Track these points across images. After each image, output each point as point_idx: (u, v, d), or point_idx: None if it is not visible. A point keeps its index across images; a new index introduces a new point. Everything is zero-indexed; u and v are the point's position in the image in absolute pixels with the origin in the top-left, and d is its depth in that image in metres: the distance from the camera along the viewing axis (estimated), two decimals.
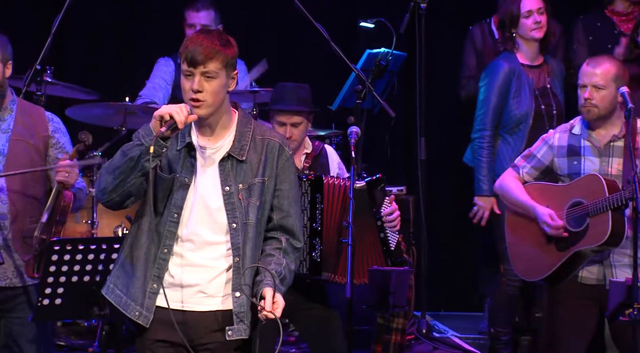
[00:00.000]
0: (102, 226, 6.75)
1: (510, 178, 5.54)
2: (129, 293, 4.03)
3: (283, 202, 4.11)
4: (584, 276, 5.37)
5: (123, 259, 4.07)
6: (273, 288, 3.96)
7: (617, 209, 5.22)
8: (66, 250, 4.72)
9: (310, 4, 6.16)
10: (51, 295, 4.74)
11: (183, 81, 3.99)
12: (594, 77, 5.30)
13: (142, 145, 3.92)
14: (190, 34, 4.08)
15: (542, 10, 6.54)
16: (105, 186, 4.00)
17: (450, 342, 6.79)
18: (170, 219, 4.02)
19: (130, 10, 8.11)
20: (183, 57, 3.98)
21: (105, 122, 6.95)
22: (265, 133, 4.13)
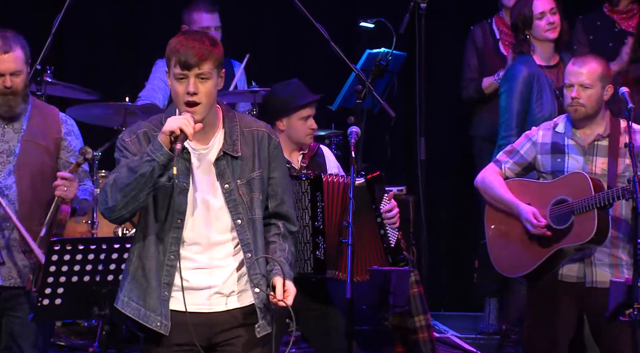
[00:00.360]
0: (102, 226, 6.75)
1: (492, 173, 5.53)
2: (146, 305, 4.03)
3: (277, 190, 4.15)
4: (564, 273, 5.39)
5: (133, 271, 4.06)
6: (282, 277, 4.02)
7: (603, 208, 5.23)
8: (66, 250, 4.72)
9: (310, 4, 6.16)
10: (51, 295, 4.74)
11: (176, 85, 3.97)
12: (580, 76, 5.33)
13: (153, 161, 3.89)
14: (177, 37, 4.02)
15: (554, 10, 6.52)
16: (114, 205, 3.94)
17: (450, 342, 6.79)
18: (175, 225, 4.02)
19: (131, 10, 8.11)
20: (174, 61, 3.96)
21: (106, 122, 6.96)
22: (252, 124, 4.14)
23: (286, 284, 4.02)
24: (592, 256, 5.36)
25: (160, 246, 4.02)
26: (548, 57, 6.61)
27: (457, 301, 8.09)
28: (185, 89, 3.95)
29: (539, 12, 6.52)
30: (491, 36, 7.23)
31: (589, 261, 5.36)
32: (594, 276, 5.35)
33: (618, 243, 5.36)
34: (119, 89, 7.52)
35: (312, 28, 6.05)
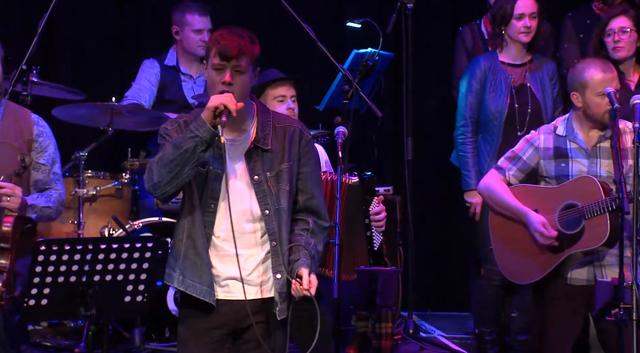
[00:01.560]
0: (89, 227, 6.74)
1: (496, 180, 5.49)
2: (202, 281, 4.27)
3: (307, 184, 4.35)
4: (573, 277, 5.36)
5: (185, 250, 4.29)
6: (309, 268, 4.22)
7: (614, 211, 5.20)
8: (52, 250, 4.70)
9: (297, 4, 6.16)
10: (37, 295, 4.72)
11: (212, 74, 4.22)
12: (615, 82, 5.32)
13: (196, 137, 4.14)
14: (220, 30, 4.28)
15: (534, 15, 6.54)
16: (159, 180, 4.19)
17: (437, 342, 6.80)
18: (208, 210, 4.26)
19: (118, 11, 8.09)
20: (214, 51, 4.21)
21: (92, 123, 6.94)
22: (285, 121, 4.38)
23: (311, 275, 4.21)
24: (601, 260, 5.32)
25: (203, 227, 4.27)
26: (516, 56, 6.64)
27: (443, 301, 8.09)
28: (222, 78, 4.20)
29: (519, 13, 6.55)
30: (480, 37, 7.24)
31: (598, 264, 5.33)
32: (604, 277, 5.31)
33: (625, 243, 5.32)
34: (105, 90, 7.50)
35: (300, 28, 6.05)
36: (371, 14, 7.04)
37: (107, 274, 4.76)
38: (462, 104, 6.65)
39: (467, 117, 6.62)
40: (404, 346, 6.67)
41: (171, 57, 7.43)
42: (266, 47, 8.12)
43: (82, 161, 6.75)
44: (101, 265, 4.77)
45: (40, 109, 7.14)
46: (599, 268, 5.33)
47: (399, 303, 6.66)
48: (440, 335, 6.99)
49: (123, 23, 8.10)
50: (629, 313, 4.82)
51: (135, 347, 6.36)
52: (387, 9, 7.07)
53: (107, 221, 6.73)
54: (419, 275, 7.21)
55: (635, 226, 4.89)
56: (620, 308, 4.87)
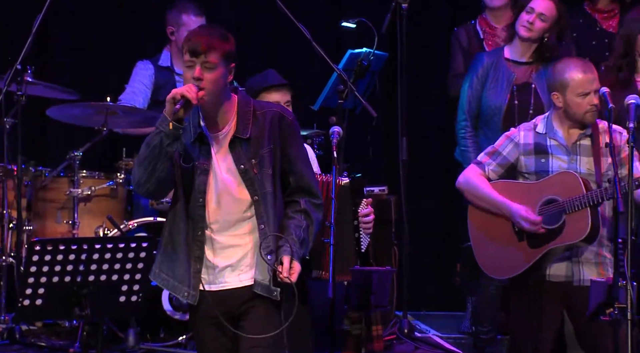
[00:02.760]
0: (83, 227, 6.73)
1: (475, 174, 5.51)
2: (175, 276, 4.39)
3: (295, 164, 4.44)
4: (552, 274, 5.39)
5: (164, 245, 4.42)
6: (290, 255, 4.30)
7: (594, 206, 5.24)
8: (47, 251, 4.70)
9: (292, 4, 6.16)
10: (32, 295, 4.71)
11: (185, 71, 4.32)
12: (595, 83, 5.34)
13: (160, 132, 4.25)
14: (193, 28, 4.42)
15: (544, 17, 6.51)
16: (138, 179, 4.33)
17: (432, 342, 6.80)
18: (197, 203, 4.36)
19: (113, 11, 8.09)
20: (185, 49, 4.31)
21: (86, 123, 6.93)
22: (265, 107, 4.47)
23: (293, 262, 4.30)
24: (579, 256, 5.36)
25: (190, 222, 4.37)
26: (522, 52, 6.64)
27: (438, 301, 8.09)
28: (192, 75, 4.28)
29: (530, 6, 6.54)
30: (476, 37, 7.25)
31: (576, 260, 5.37)
32: (582, 274, 5.35)
33: (602, 242, 5.37)
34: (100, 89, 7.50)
35: (295, 28, 6.05)
36: (366, 14, 7.04)
37: (102, 274, 4.75)
38: (462, 98, 6.69)
39: (466, 112, 6.66)
40: (399, 346, 6.67)
41: (165, 58, 7.42)
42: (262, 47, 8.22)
43: (77, 161, 6.74)
44: (96, 265, 4.77)
45: (34, 109, 7.20)
46: (577, 264, 5.36)
47: (394, 303, 6.67)
48: (435, 334, 6.99)
49: (118, 23, 8.09)
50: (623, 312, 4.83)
51: (130, 347, 6.35)
52: (381, 9, 7.07)
53: (101, 221, 6.73)
54: (414, 274, 7.21)
55: (630, 225, 4.90)
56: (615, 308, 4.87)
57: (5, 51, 7.13)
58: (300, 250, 4.38)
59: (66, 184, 6.79)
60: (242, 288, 4.39)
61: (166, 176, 4.33)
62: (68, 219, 6.75)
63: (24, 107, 6.58)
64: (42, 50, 7.79)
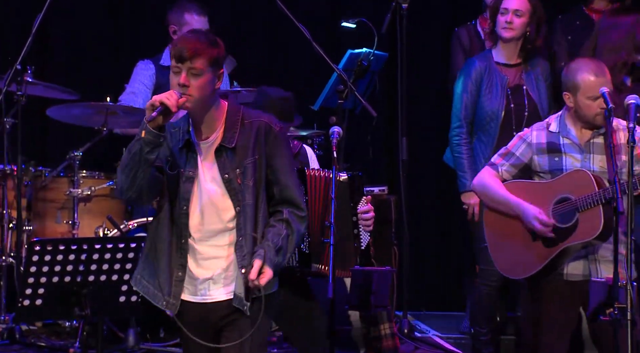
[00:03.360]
0: (83, 227, 6.73)
1: (489, 176, 5.51)
2: (155, 284, 4.30)
3: (279, 176, 4.34)
4: (569, 272, 5.36)
5: (147, 251, 4.34)
6: (262, 260, 4.20)
7: (607, 203, 5.22)
8: (47, 251, 4.70)
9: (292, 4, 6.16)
10: (32, 295, 4.72)
11: (171, 77, 4.25)
12: (608, 85, 5.33)
13: (140, 139, 4.18)
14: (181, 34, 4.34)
15: (520, 12, 6.54)
16: (121, 186, 4.25)
17: (432, 342, 6.80)
18: (181, 211, 4.28)
19: (113, 10, 8.09)
20: (172, 54, 4.25)
21: (86, 123, 6.93)
22: (253, 116, 4.37)
23: (264, 267, 4.19)
24: (596, 253, 5.34)
25: (175, 229, 4.29)
26: (509, 55, 6.66)
27: (438, 301, 8.09)
28: (178, 80, 4.22)
29: (504, 7, 6.58)
30: (477, 37, 7.24)
31: (593, 258, 5.34)
32: (599, 273, 5.32)
33: (620, 238, 5.33)
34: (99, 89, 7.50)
35: (295, 28, 6.05)
36: (366, 14, 7.04)
37: (102, 274, 4.76)
38: (458, 105, 6.66)
39: (462, 118, 6.63)
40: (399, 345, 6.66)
41: (167, 57, 7.41)
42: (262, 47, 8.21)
43: (77, 161, 6.74)
44: (96, 265, 4.78)
45: (34, 109, 7.20)
46: (594, 262, 5.34)
47: (394, 303, 6.67)
48: (435, 334, 6.99)
49: (118, 23, 8.09)
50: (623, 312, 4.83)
51: (130, 347, 6.35)
52: (381, 9, 7.07)
53: (101, 221, 6.73)
54: (414, 274, 7.21)
55: (630, 225, 4.89)
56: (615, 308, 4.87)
57: (5, 51, 7.13)
58: (276, 257, 4.26)
59: (66, 184, 6.79)
60: (223, 301, 4.30)
61: (148, 183, 4.24)
62: (68, 219, 6.75)
63: (24, 107, 6.58)
64: (42, 50, 7.79)
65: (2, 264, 6.62)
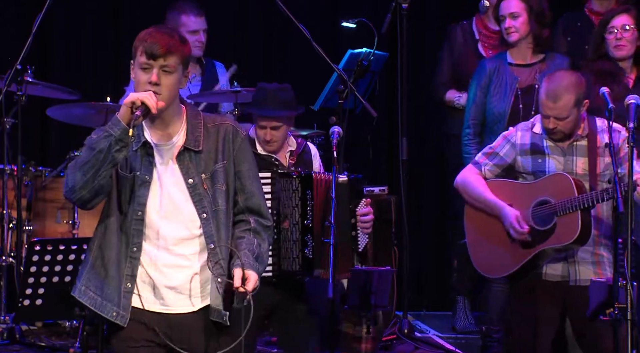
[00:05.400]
0: (83, 227, 6.73)
1: (472, 174, 5.56)
2: (103, 294, 4.02)
3: (245, 183, 4.13)
4: (548, 272, 5.41)
5: (92, 260, 4.05)
6: (241, 267, 3.97)
7: (586, 209, 5.25)
8: (47, 251, 4.71)
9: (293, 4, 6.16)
10: (32, 295, 4.73)
11: (139, 74, 4.01)
12: (555, 111, 5.34)
13: (110, 136, 3.92)
14: (148, 29, 4.07)
15: (516, 14, 6.56)
16: (74, 184, 3.96)
17: (432, 342, 6.80)
18: (135, 217, 4.02)
19: (113, 10, 8.09)
20: (140, 50, 4.00)
21: (87, 122, 6.93)
22: (217, 120, 4.17)
23: (246, 272, 3.97)
24: (575, 255, 5.38)
25: (123, 237, 4.02)
26: (523, 55, 6.66)
27: (438, 301, 8.10)
28: (148, 78, 3.98)
29: (501, 15, 6.62)
30: (471, 37, 7.25)
31: (572, 260, 5.39)
32: (577, 274, 5.38)
33: (600, 241, 5.39)
34: (100, 89, 7.50)
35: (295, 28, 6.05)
36: (366, 14, 7.04)
37: None
38: (467, 106, 6.73)
39: (469, 119, 6.68)
40: (399, 346, 6.67)
41: None
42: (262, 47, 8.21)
43: None
44: None
45: (34, 109, 7.20)
46: (573, 264, 5.39)
47: (394, 303, 6.67)
48: (435, 334, 7.00)
49: (118, 23, 8.10)
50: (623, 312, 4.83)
51: None
52: (381, 9, 7.07)
53: None
54: (414, 274, 7.21)
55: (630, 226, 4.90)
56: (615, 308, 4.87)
57: (5, 51, 7.13)
58: (256, 263, 4.03)
59: None
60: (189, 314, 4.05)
61: (104, 185, 3.96)
62: (68, 220, 6.75)
63: (24, 107, 6.58)
64: (42, 50, 7.79)
65: (2, 264, 6.61)
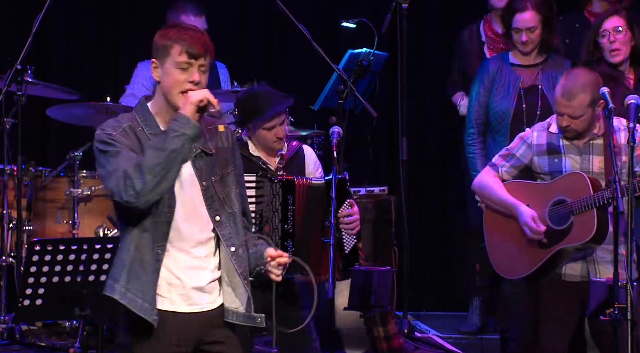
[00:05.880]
0: (83, 227, 6.73)
1: (489, 176, 5.55)
2: (144, 297, 3.99)
3: (241, 186, 4.18)
4: (567, 273, 5.38)
5: (129, 262, 4.01)
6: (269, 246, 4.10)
7: (602, 207, 5.24)
8: (47, 251, 4.70)
9: (292, 4, 6.16)
10: (32, 295, 4.72)
11: (176, 73, 3.98)
12: (570, 109, 5.32)
13: (183, 135, 3.89)
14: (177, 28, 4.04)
15: (533, 28, 6.53)
16: (143, 187, 3.89)
17: (432, 342, 6.80)
18: (164, 219, 4.01)
19: (113, 10, 8.09)
20: (179, 49, 3.98)
21: (87, 122, 6.93)
22: (213, 122, 4.17)
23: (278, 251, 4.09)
24: (594, 254, 5.36)
25: (154, 239, 4.00)
26: (526, 57, 6.65)
27: (438, 301, 8.10)
28: (188, 77, 3.97)
29: (516, 26, 6.56)
30: (477, 39, 7.25)
31: (591, 259, 5.36)
32: (598, 274, 5.34)
33: (619, 240, 5.34)
34: (100, 89, 7.50)
35: (295, 28, 6.05)
36: (366, 14, 7.04)
37: (102, 274, 4.76)
38: (470, 107, 6.72)
39: (472, 119, 6.67)
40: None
41: None
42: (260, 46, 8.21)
43: (77, 161, 6.75)
44: (96, 265, 4.78)
45: (35, 109, 7.20)
46: (592, 264, 5.36)
47: (394, 303, 6.67)
48: (435, 334, 7.00)
49: (118, 23, 8.10)
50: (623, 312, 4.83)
51: None
52: (381, 9, 7.07)
53: (102, 221, 6.73)
54: (414, 274, 7.21)
55: (630, 225, 4.90)
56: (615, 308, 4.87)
57: (5, 51, 7.13)
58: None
59: (66, 184, 6.79)
60: (211, 311, 4.09)
61: (170, 185, 3.96)
62: (68, 220, 6.75)
63: (24, 107, 6.58)
64: (42, 50, 7.79)
65: (2, 264, 6.62)
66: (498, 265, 5.51)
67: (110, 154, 3.98)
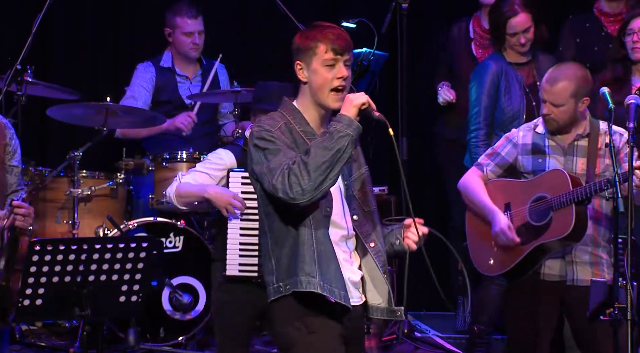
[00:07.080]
0: (83, 227, 6.73)
1: (473, 177, 5.60)
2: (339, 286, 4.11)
3: None
4: (545, 272, 5.44)
5: (317, 256, 4.10)
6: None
7: (581, 203, 5.27)
8: (47, 251, 4.70)
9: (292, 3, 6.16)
10: (32, 295, 4.71)
11: (324, 72, 4.10)
12: (552, 96, 5.36)
13: (347, 135, 4.03)
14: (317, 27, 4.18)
15: (528, 29, 6.57)
16: (310, 185, 3.99)
17: (432, 342, 6.80)
18: (324, 214, 4.13)
19: (113, 11, 8.10)
20: (324, 48, 4.10)
21: (87, 122, 6.94)
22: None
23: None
24: (572, 255, 5.40)
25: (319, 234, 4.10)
26: (520, 56, 6.67)
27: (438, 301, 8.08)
28: (336, 74, 4.09)
29: (513, 31, 6.58)
30: (466, 35, 7.26)
31: (570, 260, 5.41)
32: (575, 274, 5.39)
33: (599, 242, 5.40)
34: (100, 89, 7.50)
35: (295, 28, 6.05)
36: (366, 14, 7.04)
37: (102, 274, 4.76)
38: (475, 108, 6.65)
39: (480, 120, 6.62)
40: (399, 346, 6.67)
41: (166, 59, 7.43)
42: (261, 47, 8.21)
43: (77, 161, 6.75)
44: (96, 265, 4.77)
45: (35, 109, 7.21)
46: (571, 264, 5.40)
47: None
48: (435, 334, 7.00)
49: (118, 23, 8.10)
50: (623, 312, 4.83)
51: (130, 347, 6.36)
52: (381, 9, 7.07)
53: (102, 221, 6.73)
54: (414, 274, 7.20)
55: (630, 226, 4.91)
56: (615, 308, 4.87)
57: (5, 51, 7.13)
58: None
59: (66, 184, 6.79)
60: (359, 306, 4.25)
61: (333, 184, 4.07)
62: (68, 220, 6.75)
63: (24, 107, 6.59)
64: (42, 50, 7.79)
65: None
66: (479, 262, 5.58)
67: (271, 152, 4.06)
